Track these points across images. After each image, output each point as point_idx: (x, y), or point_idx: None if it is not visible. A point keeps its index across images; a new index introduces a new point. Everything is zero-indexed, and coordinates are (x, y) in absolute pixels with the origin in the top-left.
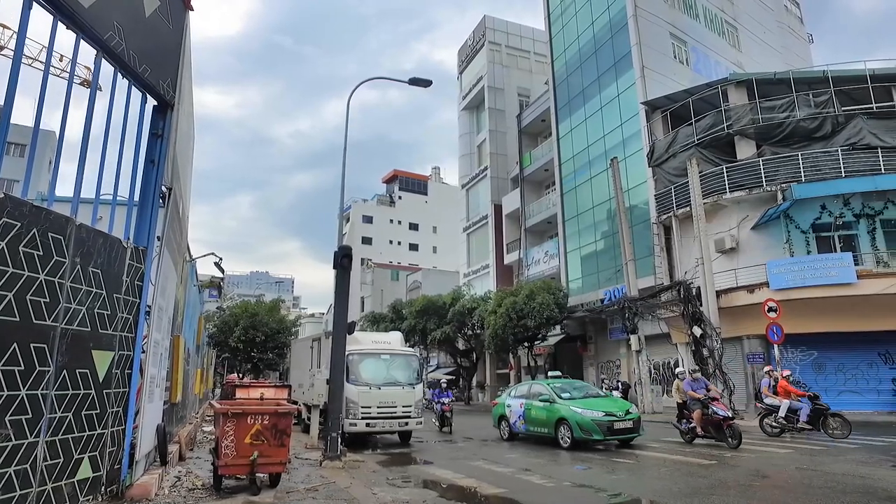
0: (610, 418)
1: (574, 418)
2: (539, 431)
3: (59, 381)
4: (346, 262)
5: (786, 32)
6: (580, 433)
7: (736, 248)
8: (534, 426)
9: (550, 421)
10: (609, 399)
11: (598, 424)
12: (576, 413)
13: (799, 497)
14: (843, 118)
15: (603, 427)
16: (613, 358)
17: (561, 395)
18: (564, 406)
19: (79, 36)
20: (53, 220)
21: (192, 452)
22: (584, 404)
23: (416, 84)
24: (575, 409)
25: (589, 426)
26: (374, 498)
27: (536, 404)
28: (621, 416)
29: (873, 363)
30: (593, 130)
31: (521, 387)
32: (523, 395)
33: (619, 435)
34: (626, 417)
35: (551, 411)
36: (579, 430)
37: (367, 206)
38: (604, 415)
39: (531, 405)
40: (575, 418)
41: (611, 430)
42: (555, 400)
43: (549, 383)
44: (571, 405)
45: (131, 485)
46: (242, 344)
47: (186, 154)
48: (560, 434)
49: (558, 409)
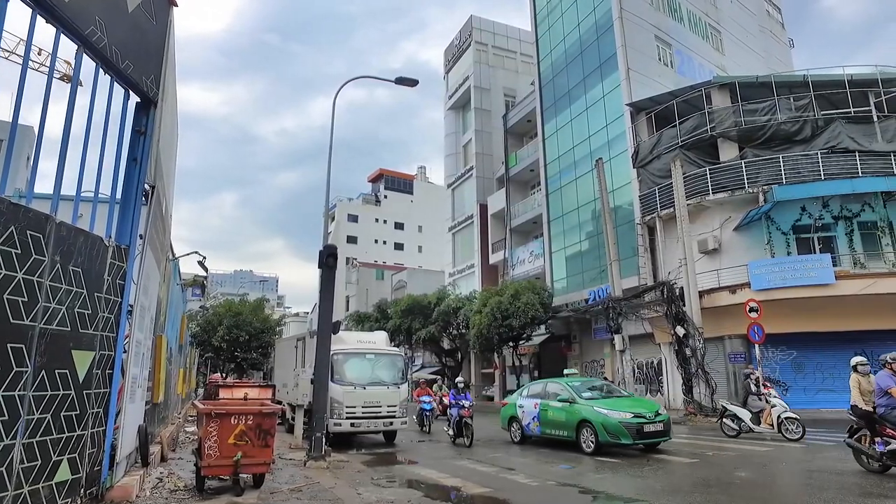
0: (639, 420)
1: (599, 420)
2: (557, 434)
3: (37, 381)
4: (331, 261)
5: (768, 37)
6: (606, 437)
7: (718, 248)
8: (551, 428)
9: (571, 423)
10: (634, 398)
11: (626, 427)
12: (601, 414)
13: (778, 495)
14: (822, 122)
15: (632, 430)
16: (598, 357)
17: (582, 394)
18: (587, 407)
19: (59, 30)
20: (32, 218)
21: (175, 453)
22: (608, 404)
23: (403, 83)
24: (600, 410)
25: (616, 429)
26: (358, 498)
27: (554, 405)
28: (651, 418)
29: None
30: (579, 131)
31: (534, 386)
32: (538, 394)
33: (648, 438)
34: (657, 419)
35: (571, 412)
36: (605, 434)
37: (352, 205)
38: (632, 416)
39: (547, 406)
40: (600, 420)
41: (640, 434)
42: (575, 400)
43: (568, 382)
44: (595, 405)
45: (112, 487)
46: (226, 343)
47: (170, 151)
48: (582, 437)
49: (580, 410)
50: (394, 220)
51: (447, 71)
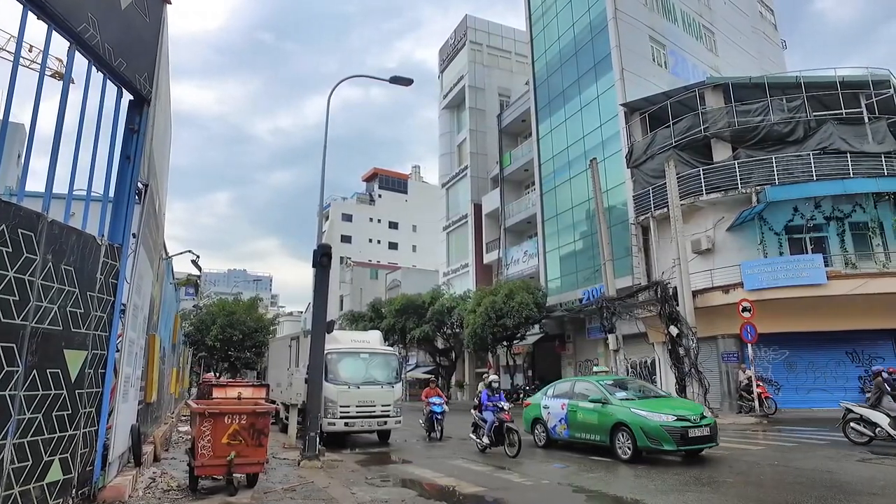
0: (683, 424)
1: (638, 423)
2: (588, 438)
3: (28, 381)
4: (325, 260)
5: (761, 38)
6: (646, 442)
7: (712, 248)
8: (581, 432)
9: (604, 426)
10: (675, 399)
11: (668, 431)
12: (639, 416)
13: (771, 493)
14: (814, 123)
15: (675, 435)
16: (591, 357)
17: (615, 394)
18: (622, 408)
19: (50, 27)
20: (24, 216)
21: (168, 453)
22: (647, 406)
23: (398, 83)
24: (638, 413)
25: (657, 433)
26: (352, 497)
27: (584, 406)
28: (696, 421)
29: (841, 362)
30: (573, 131)
31: (561, 385)
32: (565, 394)
33: (693, 444)
34: (702, 423)
35: (605, 414)
36: (645, 439)
37: (346, 205)
38: (675, 419)
39: (576, 407)
40: (639, 423)
41: (684, 439)
42: (609, 400)
43: (599, 380)
44: (632, 407)
45: (104, 487)
46: (219, 343)
47: (163, 150)
48: (618, 442)
49: (614, 412)
50: (388, 220)
51: (442, 70)
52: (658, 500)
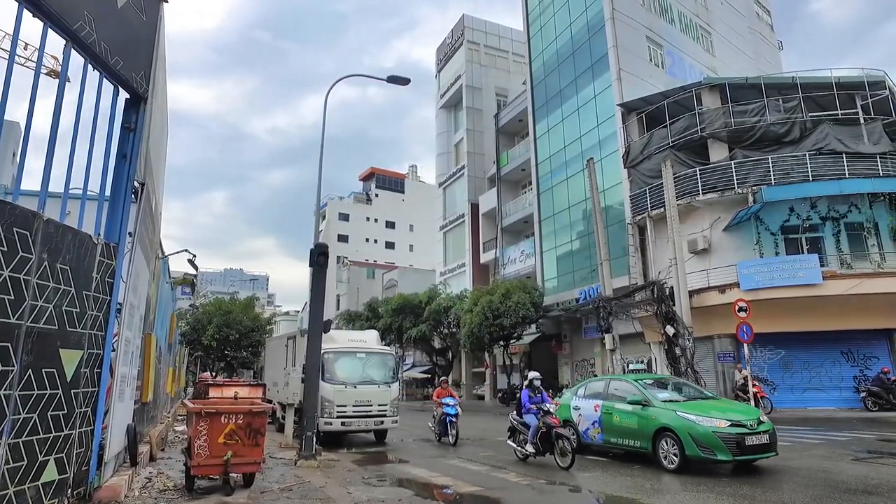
0: (738, 430)
1: (684, 428)
2: (626, 444)
3: (23, 381)
4: (321, 259)
5: (757, 39)
6: (696, 450)
7: (708, 248)
8: (617, 437)
9: (645, 431)
10: (726, 401)
11: (722, 439)
12: (687, 421)
13: (766, 491)
14: (810, 123)
15: (730, 442)
16: (588, 357)
17: (657, 394)
18: (667, 411)
19: (46, 25)
20: (19, 215)
21: (164, 453)
22: (695, 408)
23: (395, 82)
24: (685, 416)
25: (709, 440)
26: (349, 497)
27: (622, 408)
28: (752, 427)
29: (836, 361)
30: (570, 131)
31: (593, 384)
32: (598, 394)
33: (751, 454)
34: (759, 429)
35: (646, 418)
36: (694, 446)
37: (343, 204)
38: (729, 424)
39: (612, 409)
40: (686, 428)
41: (741, 448)
42: (650, 402)
43: (637, 379)
44: (679, 410)
45: (100, 487)
46: (216, 342)
47: (160, 149)
48: (661, 450)
49: (658, 416)
50: (385, 219)
51: (439, 70)
52: (656, 500)
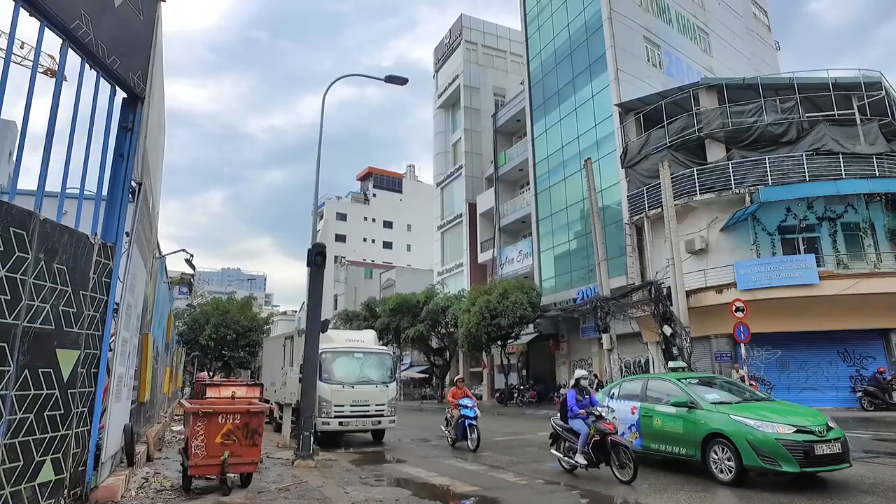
0: (805, 437)
1: (741, 435)
2: (668, 451)
3: (20, 381)
4: (319, 259)
5: (755, 39)
6: (756, 460)
7: (705, 248)
8: (659, 443)
9: (693, 437)
10: (785, 404)
11: (787, 447)
12: (744, 426)
13: (761, 492)
14: (807, 124)
15: (797, 452)
16: (585, 356)
17: (705, 396)
18: (718, 414)
19: (43, 24)
20: (15, 215)
21: (161, 453)
22: (752, 412)
23: (393, 82)
24: (742, 421)
25: (772, 448)
26: (346, 497)
27: (663, 410)
28: (821, 434)
29: (833, 361)
30: (568, 131)
31: (629, 384)
32: (635, 395)
33: (821, 465)
34: (829, 436)
35: (693, 422)
36: (754, 455)
37: (341, 204)
38: (794, 430)
39: (652, 411)
40: (743, 435)
41: (809, 458)
42: (697, 404)
43: (680, 378)
44: (732, 413)
45: (96, 487)
46: (213, 342)
47: (157, 148)
48: (713, 459)
49: (707, 420)
50: (383, 219)
51: (437, 70)
52: (653, 500)
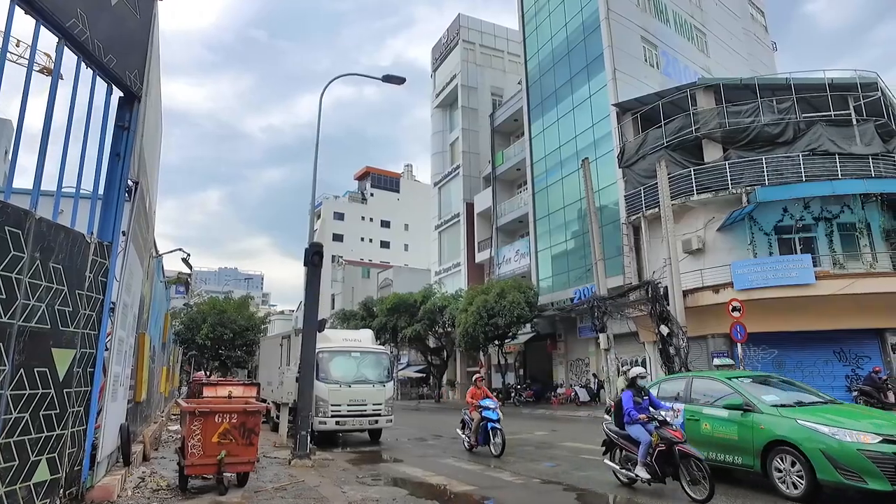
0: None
1: (815, 444)
2: (720, 460)
3: (15, 380)
4: (316, 259)
5: (752, 40)
6: (832, 474)
7: (702, 248)
8: (708, 450)
9: (750, 445)
10: (858, 408)
11: (873, 460)
12: (816, 434)
13: (756, 491)
14: (804, 124)
15: (887, 467)
16: (583, 356)
17: (763, 397)
18: (781, 419)
19: (38, 22)
20: (11, 214)
21: (157, 452)
22: (823, 417)
23: (390, 81)
24: (814, 427)
25: (854, 462)
26: (343, 496)
27: (713, 413)
28: None
29: (829, 361)
30: (565, 131)
31: (670, 383)
32: (679, 396)
33: None
34: None
35: (750, 427)
36: (831, 469)
37: (338, 203)
38: (880, 440)
39: (699, 414)
40: (817, 444)
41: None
42: (755, 407)
43: (731, 377)
44: (800, 418)
45: (92, 487)
46: (210, 341)
47: (154, 147)
48: (778, 470)
49: (768, 425)
50: (380, 218)
51: (434, 69)
52: (650, 499)
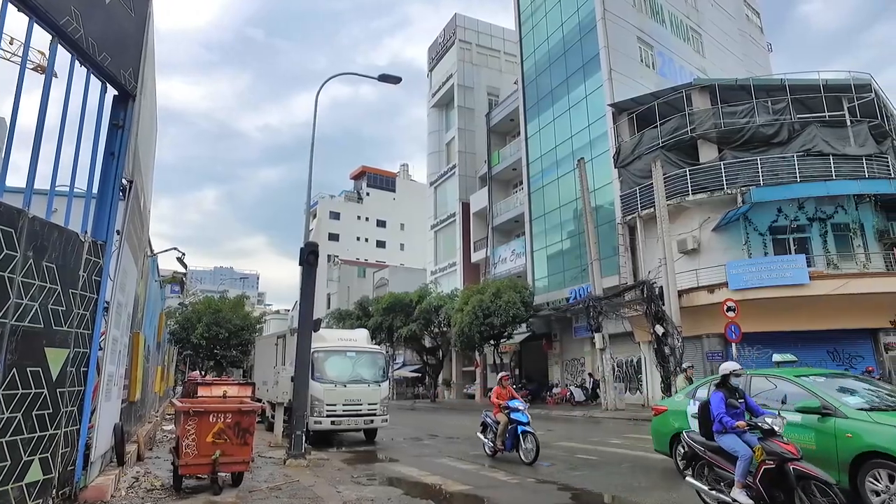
0: None
1: None
2: None
3: (7, 379)
4: (312, 258)
5: (747, 41)
6: None
7: (697, 248)
8: None
9: (834, 456)
10: None
11: None
12: None
13: None
14: (798, 125)
15: None
16: (578, 356)
17: (845, 400)
18: (875, 425)
19: (32, 19)
20: (3, 212)
21: (152, 452)
22: None
23: (386, 80)
24: None
25: None
26: (338, 496)
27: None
28: None
29: (822, 361)
30: (561, 131)
31: None
32: None
33: None
34: None
35: (832, 435)
36: None
37: (334, 202)
38: None
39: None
40: None
41: None
42: (837, 411)
43: (801, 375)
44: None
45: (86, 487)
46: (205, 341)
47: (149, 146)
48: (874, 488)
49: (857, 432)
50: (376, 218)
51: (431, 69)
52: (645, 498)
